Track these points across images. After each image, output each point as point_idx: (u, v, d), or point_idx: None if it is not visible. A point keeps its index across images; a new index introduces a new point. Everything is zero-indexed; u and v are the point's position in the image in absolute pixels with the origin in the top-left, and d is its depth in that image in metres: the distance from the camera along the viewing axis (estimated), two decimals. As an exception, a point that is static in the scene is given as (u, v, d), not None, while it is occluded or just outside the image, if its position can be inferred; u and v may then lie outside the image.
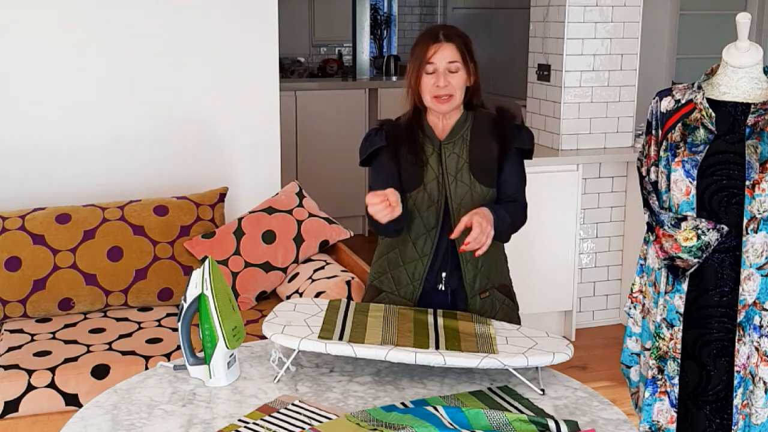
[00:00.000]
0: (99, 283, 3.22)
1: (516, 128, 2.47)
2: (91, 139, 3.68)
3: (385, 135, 2.46)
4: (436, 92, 2.38)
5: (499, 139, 2.44)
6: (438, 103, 2.39)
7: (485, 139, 2.44)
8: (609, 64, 4.46)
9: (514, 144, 2.45)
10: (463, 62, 2.40)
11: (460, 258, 2.42)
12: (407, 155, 2.43)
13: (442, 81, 2.37)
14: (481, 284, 2.44)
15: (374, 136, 2.48)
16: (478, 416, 1.82)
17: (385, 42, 8.13)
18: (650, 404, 2.38)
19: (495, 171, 2.44)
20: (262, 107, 3.90)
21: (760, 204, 2.18)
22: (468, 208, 2.38)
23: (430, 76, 2.39)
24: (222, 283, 2.07)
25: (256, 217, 3.42)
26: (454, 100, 2.40)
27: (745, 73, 2.26)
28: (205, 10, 3.75)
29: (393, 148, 2.44)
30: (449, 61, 2.38)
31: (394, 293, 2.49)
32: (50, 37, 3.58)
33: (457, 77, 2.39)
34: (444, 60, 2.38)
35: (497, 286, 2.49)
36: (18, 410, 2.71)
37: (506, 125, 2.46)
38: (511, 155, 2.45)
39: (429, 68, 2.38)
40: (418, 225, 2.43)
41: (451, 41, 2.39)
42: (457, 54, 2.39)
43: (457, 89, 2.39)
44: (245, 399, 1.98)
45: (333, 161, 6.15)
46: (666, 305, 2.32)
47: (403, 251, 2.47)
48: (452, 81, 2.38)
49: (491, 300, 2.46)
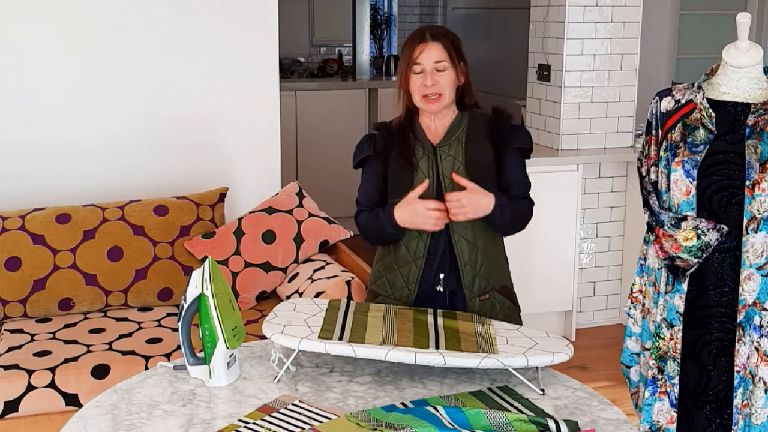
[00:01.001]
0: (99, 283, 3.22)
1: (513, 127, 2.47)
2: (91, 139, 3.68)
3: (375, 143, 2.49)
4: (425, 91, 2.39)
5: (495, 140, 2.44)
6: (427, 103, 2.40)
7: (481, 140, 2.44)
8: (609, 64, 4.47)
9: (513, 144, 2.45)
10: (451, 61, 2.40)
11: (458, 260, 2.41)
12: (397, 159, 2.44)
13: (429, 80, 2.38)
14: (480, 286, 2.44)
15: (365, 144, 2.52)
16: (478, 416, 1.82)
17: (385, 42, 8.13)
18: (650, 404, 2.38)
19: (493, 172, 2.43)
20: (262, 107, 3.90)
21: (760, 204, 2.18)
22: None
23: (418, 76, 2.40)
24: (222, 283, 2.07)
25: (256, 217, 3.42)
26: (443, 99, 2.40)
27: (745, 73, 2.26)
28: (205, 10, 3.75)
29: (383, 153, 2.46)
30: (436, 60, 2.38)
31: (390, 297, 2.49)
32: (50, 37, 3.58)
33: (445, 76, 2.39)
34: (431, 60, 2.38)
35: (497, 288, 2.48)
36: (18, 410, 2.71)
37: (502, 125, 2.46)
38: (509, 155, 2.45)
39: (416, 68, 2.39)
40: (410, 229, 2.43)
41: (438, 41, 2.39)
42: (444, 53, 2.39)
43: (445, 88, 2.39)
44: (245, 399, 1.98)
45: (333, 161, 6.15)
46: (666, 305, 2.32)
47: (397, 255, 2.47)
48: (440, 80, 2.39)
49: (491, 302, 2.46)
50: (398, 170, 2.44)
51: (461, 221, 2.35)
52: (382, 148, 2.47)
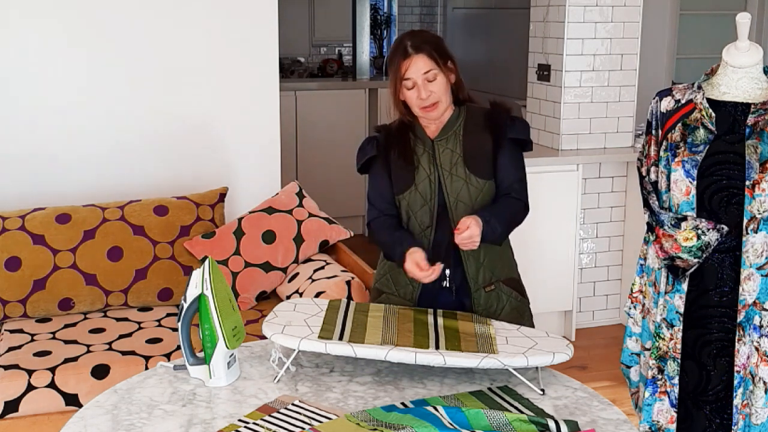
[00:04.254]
0: (99, 283, 3.22)
1: (510, 119, 2.47)
2: (90, 139, 3.68)
3: (377, 144, 2.50)
4: (421, 104, 2.40)
5: (492, 131, 2.45)
6: (427, 112, 2.41)
7: (479, 132, 2.45)
8: (609, 64, 4.47)
9: (509, 134, 2.45)
10: (439, 67, 2.39)
11: (462, 253, 2.42)
12: (397, 159, 2.45)
13: (423, 93, 2.38)
14: (485, 277, 2.44)
15: (366, 146, 2.53)
16: (478, 416, 1.82)
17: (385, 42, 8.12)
18: (650, 404, 2.38)
19: (490, 163, 2.44)
20: (262, 107, 3.90)
21: (760, 204, 2.18)
22: (465, 202, 2.39)
23: (411, 91, 2.40)
24: (222, 283, 2.07)
25: (256, 217, 3.42)
26: (441, 105, 2.42)
27: (745, 73, 2.26)
28: (205, 10, 3.75)
29: (384, 155, 2.48)
30: (424, 72, 2.38)
31: (394, 294, 2.50)
32: (51, 37, 3.57)
33: (437, 84, 2.39)
34: (419, 72, 2.38)
35: (503, 280, 2.48)
36: (18, 410, 2.71)
37: (499, 117, 2.47)
38: (505, 146, 2.45)
39: (407, 84, 2.40)
40: (413, 225, 2.44)
41: (421, 51, 2.38)
42: (430, 62, 2.38)
43: (440, 95, 2.40)
44: (245, 399, 1.98)
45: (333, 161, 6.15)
46: (666, 305, 2.32)
47: None
48: (433, 89, 2.39)
49: (497, 293, 2.46)
50: (399, 169, 2.45)
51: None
52: (384, 150, 2.48)
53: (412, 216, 2.44)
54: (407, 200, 2.44)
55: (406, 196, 2.44)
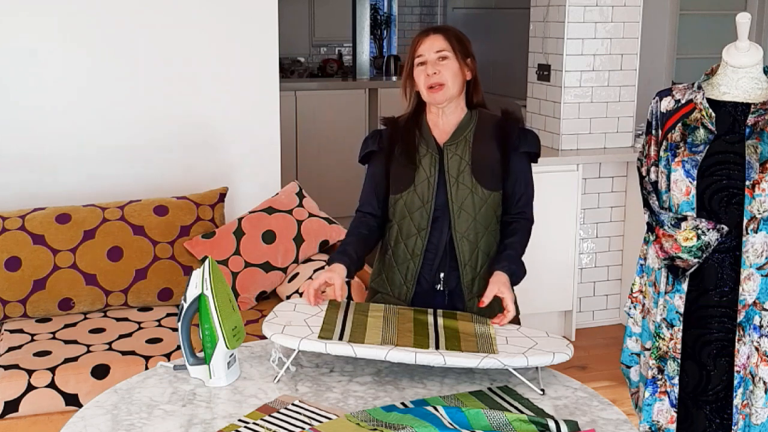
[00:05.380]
0: (99, 283, 3.22)
1: (522, 131, 2.46)
2: (90, 139, 3.68)
3: (381, 139, 2.50)
4: (428, 82, 2.39)
5: (502, 142, 2.43)
6: (431, 93, 2.40)
7: (489, 141, 2.43)
8: (609, 64, 4.47)
9: (522, 147, 2.44)
10: (453, 51, 2.40)
11: (459, 259, 2.42)
12: (399, 157, 2.44)
13: (431, 69, 2.39)
14: (480, 287, 2.43)
15: (370, 139, 2.54)
16: (478, 416, 1.82)
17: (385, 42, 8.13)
18: (650, 404, 2.38)
19: (498, 174, 2.43)
20: (262, 107, 3.90)
21: (760, 204, 2.18)
22: (468, 212, 2.39)
23: (421, 68, 2.41)
24: (222, 283, 2.07)
25: (256, 217, 3.42)
26: (447, 90, 2.40)
27: (745, 73, 2.26)
28: (205, 11, 3.75)
29: (387, 150, 2.47)
30: (437, 50, 2.39)
31: (388, 294, 2.50)
32: (51, 38, 3.58)
33: (447, 65, 2.39)
34: (432, 50, 2.40)
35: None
36: (18, 410, 2.71)
37: (511, 128, 2.46)
38: (517, 159, 2.44)
39: (418, 60, 2.41)
40: (409, 226, 2.44)
41: (440, 33, 2.42)
42: (445, 43, 2.40)
43: (448, 78, 2.39)
44: (245, 399, 1.98)
45: (333, 161, 6.16)
46: (666, 305, 2.32)
47: (395, 252, 2.48)
48: (442, 69, 2.39)
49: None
50: (400, 168, 2.44)
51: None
52: (387, 145, 2.48)
53: (407, 216, 2.43)
54: (404, 200, 2.43)
55: (404, 196, 2.43)
